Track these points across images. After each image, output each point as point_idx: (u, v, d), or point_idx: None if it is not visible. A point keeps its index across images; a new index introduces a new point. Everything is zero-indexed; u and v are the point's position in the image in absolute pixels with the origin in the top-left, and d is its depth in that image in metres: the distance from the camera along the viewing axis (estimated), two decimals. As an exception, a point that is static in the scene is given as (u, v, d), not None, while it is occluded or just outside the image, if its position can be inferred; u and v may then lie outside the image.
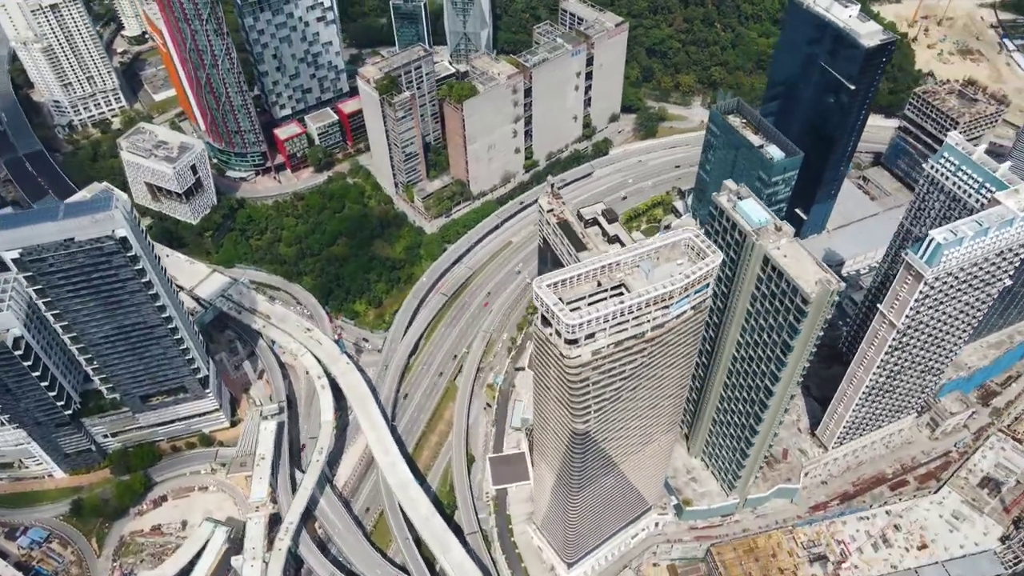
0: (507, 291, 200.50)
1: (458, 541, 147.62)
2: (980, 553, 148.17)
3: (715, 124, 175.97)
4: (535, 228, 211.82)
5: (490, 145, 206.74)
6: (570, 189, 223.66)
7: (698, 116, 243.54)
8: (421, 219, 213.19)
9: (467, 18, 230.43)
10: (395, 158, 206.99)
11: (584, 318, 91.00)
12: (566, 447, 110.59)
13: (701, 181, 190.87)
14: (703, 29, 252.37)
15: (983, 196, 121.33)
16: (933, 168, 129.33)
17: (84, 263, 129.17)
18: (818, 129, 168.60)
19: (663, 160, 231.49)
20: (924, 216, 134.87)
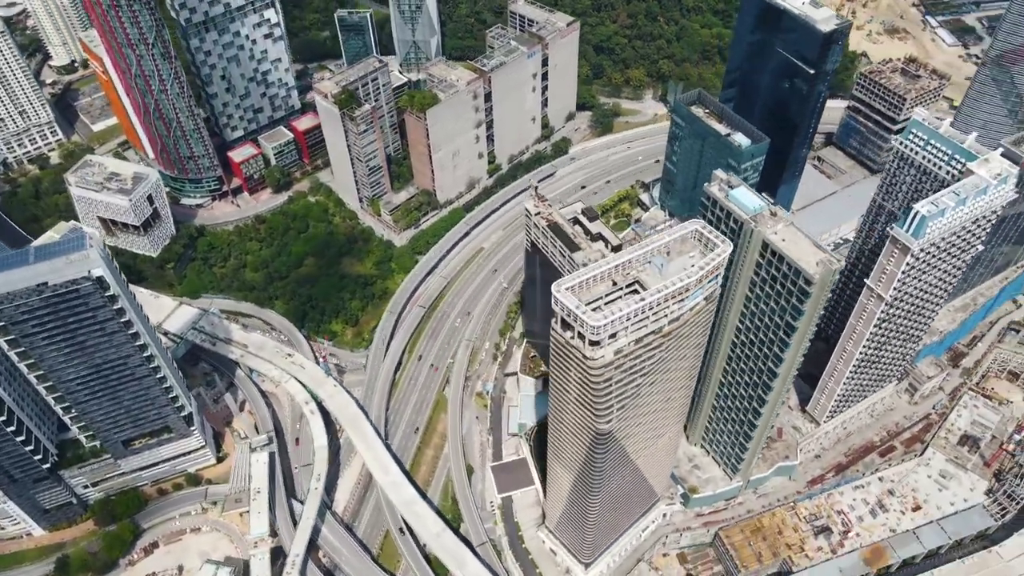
0: (484, 298, 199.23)
1: (472, 554, 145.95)
2: (970, 508, 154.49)
3: (679, 116, 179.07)
4: (504, 233, 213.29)
5: (454, 152, 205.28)
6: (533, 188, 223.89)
7: (651, 109, 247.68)
8: (390, 232, 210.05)
9: (416, 26, 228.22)
10: (358, 172, 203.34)
11: (609, 319, 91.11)
12: (588, 448, 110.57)
13: (668, 172, 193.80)
14: (647, 24, 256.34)
15: (954, 168, 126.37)
16: (902, 144, 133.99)
17: (60, 307, 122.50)
18: (779, 114, 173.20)
19: (623, 155, 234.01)
20: (896, 191, 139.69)
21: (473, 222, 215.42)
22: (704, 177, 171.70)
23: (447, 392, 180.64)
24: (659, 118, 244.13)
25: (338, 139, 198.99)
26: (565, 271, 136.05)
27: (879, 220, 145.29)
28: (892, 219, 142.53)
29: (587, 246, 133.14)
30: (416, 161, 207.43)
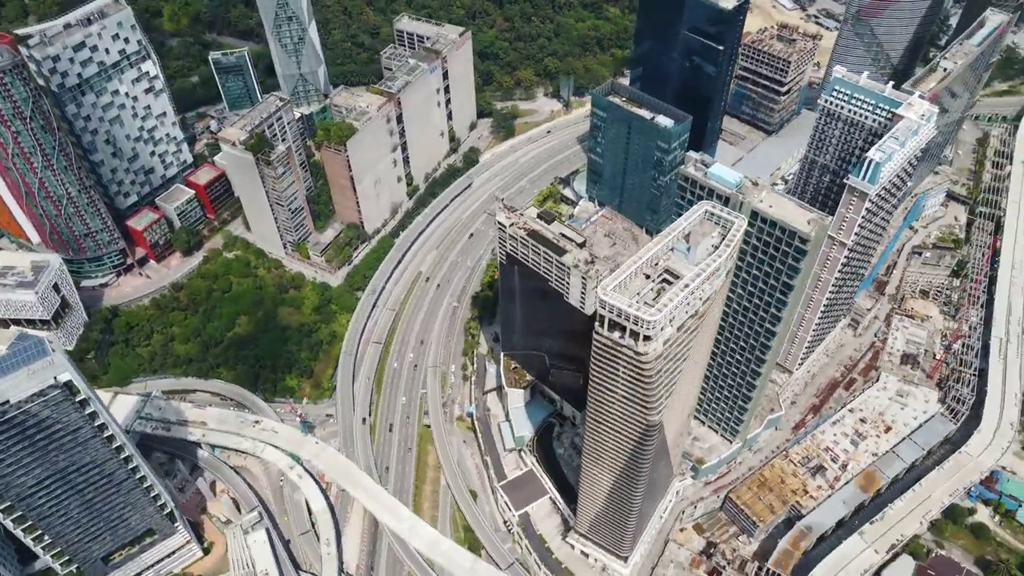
0: (438, 321, 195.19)
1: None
2: (930, 419, 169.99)
3: (599, 107, 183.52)
4: (438, 252, 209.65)
5: (376, 180, 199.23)
6: (455, 205, 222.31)
7: (546, 106, 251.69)
8: (323, 274, 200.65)
9: (300, 58, 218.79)
10: (280, 218, 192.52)
11: (663, 312, 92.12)
12: (636, 443, 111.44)
13: (594, 163, 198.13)
14: (524, 25, 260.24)
15: (879, 115, 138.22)
16: (827, 101, 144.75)
17: (26, 425, 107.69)
18: (691, 91, 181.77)
19: (533, 154, 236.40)
20: (826, 145, 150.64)
21: (404, 247, 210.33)
22: (633, 163, 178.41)
23: (427, 423, 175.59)
24: (556, 114, 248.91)
25: (252, 187, 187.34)
26: (552, 277, 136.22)
27: (812, 175, 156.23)
28: (825, 172, 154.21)
29: (572, 248, 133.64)
30: (338, 195, 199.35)
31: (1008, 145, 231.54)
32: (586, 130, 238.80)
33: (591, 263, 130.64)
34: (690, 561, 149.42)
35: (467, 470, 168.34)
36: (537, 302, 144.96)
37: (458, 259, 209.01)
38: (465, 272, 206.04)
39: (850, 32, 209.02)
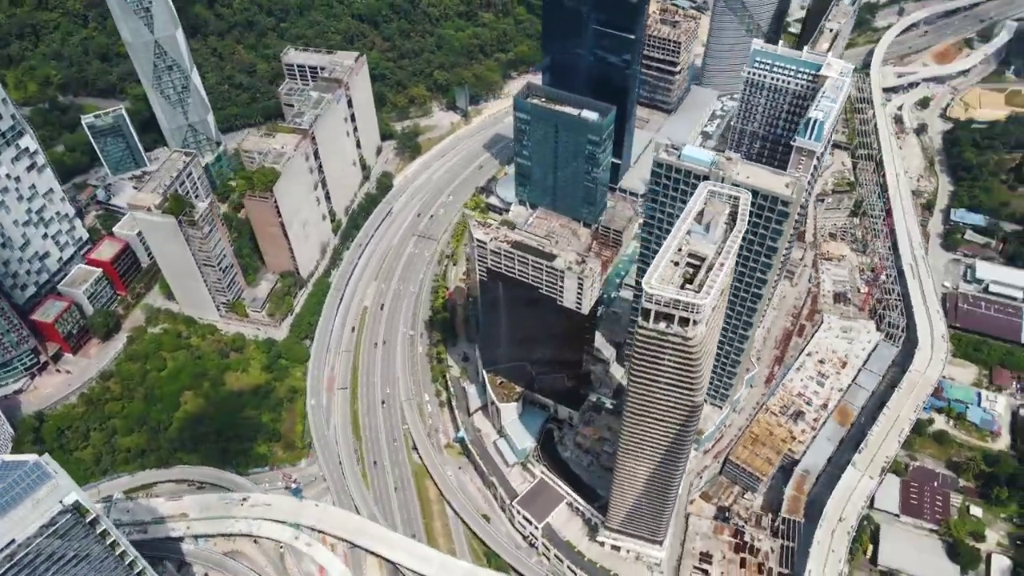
0: (399, 352, 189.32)
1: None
2: (876, 347, 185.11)
3: (522, 111, 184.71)
4: (378, 283, 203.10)
5: (304, 222, 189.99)
6: (381, 234, 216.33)
7: (445, 119, 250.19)
8: (265, 329, 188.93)
9: (187, 108, 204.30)
10: (211, 279, 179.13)
11: (711, 295, 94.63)
12: (680, 426, 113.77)
13: (521, 167, 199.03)
14: (404, 42, 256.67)
15: (802, 79, 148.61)
16: (751, 73, 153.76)
17: (36, 562, 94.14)
18: (607, 83, 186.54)
19: (445, 168, 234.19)
20: (752, 114, 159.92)
21: (342, 286, 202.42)
22: (563, 160, 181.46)
23: (418, 459, 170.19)
24: (456, 125, 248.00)
25: (175, 252, 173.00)
26: (543, 283, 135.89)
27: (742, 144, 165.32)
28: (755, 139, 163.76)
29: (561, 252, 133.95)
30: (267, 244, 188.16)
31: (865, 91, 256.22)
32: (491, 137, 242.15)
33: (583, 263, 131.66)
34: (712, 529, 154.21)
35: (471, 495, 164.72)
36: (524, 312, 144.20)
37: (399, 287, 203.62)
38: (410, 299, 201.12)
39: (723, 8, 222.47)
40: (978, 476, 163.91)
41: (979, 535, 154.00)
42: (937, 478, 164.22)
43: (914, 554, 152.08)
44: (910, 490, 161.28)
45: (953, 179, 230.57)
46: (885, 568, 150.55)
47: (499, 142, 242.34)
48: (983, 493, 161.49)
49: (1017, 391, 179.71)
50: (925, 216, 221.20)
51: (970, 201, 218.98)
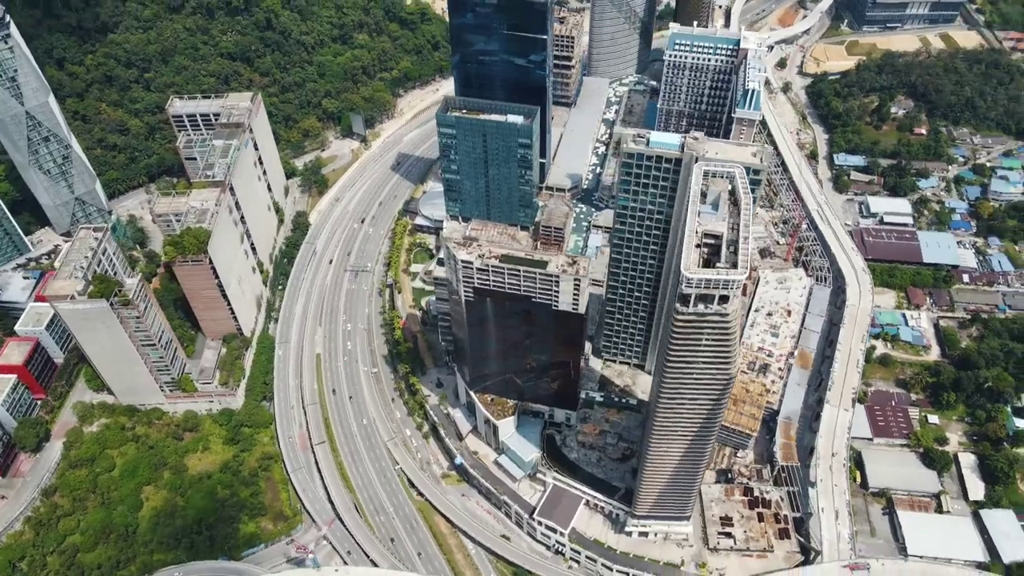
0: (366, 394, 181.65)
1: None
2: (809, 291, 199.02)
3: (447, 125, 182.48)
4: (323, 328, 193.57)
5: (239, 279, 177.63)
6: (310, 276, 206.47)
7: (345, 148, 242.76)
8: (218, 400, 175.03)
9: (71, 180, 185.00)
10: (151, 360, 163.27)
11: (744, 269, 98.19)
12: (714, 400, 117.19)
13: (450, 182, 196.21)
14: (283, 75, 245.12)
15: (722, 54, 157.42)
16: (672, 56, 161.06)
17: None
18: (523, 84, 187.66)
19: (358, 199, 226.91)
20: (676, 94, 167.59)
21: (287, 337, 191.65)
22: (494, 168, 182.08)
23: (419, 496, 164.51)
24: (358, 152, 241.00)
25: (108, 338, 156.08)
26: (536, 291, 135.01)
27: (670, 124, 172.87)
28: (681, 117, 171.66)
29: (552, 257, 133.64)
30: (204, 309, 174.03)
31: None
32: (395, 158, 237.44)
33: (574, 264, 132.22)
34: (724, 493, 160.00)
35: (483, 519, 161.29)
36: (515, 324, 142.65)
37: (347, 326, 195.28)
38: (362, 336, 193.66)
39: (604, 1, 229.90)
40: (926, 388, 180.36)
41: (942, 439, 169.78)
42: (893, 398, 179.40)
43: (896, 470, 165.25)
44: (875, 414, 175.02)
45: (825, 128, 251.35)
46: (876, 489, 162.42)
47: (404, 162, 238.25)
48: (934, 402, 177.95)
49: (932, 305, 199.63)
50: (812, 165, 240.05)
51: (846, 145, 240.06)
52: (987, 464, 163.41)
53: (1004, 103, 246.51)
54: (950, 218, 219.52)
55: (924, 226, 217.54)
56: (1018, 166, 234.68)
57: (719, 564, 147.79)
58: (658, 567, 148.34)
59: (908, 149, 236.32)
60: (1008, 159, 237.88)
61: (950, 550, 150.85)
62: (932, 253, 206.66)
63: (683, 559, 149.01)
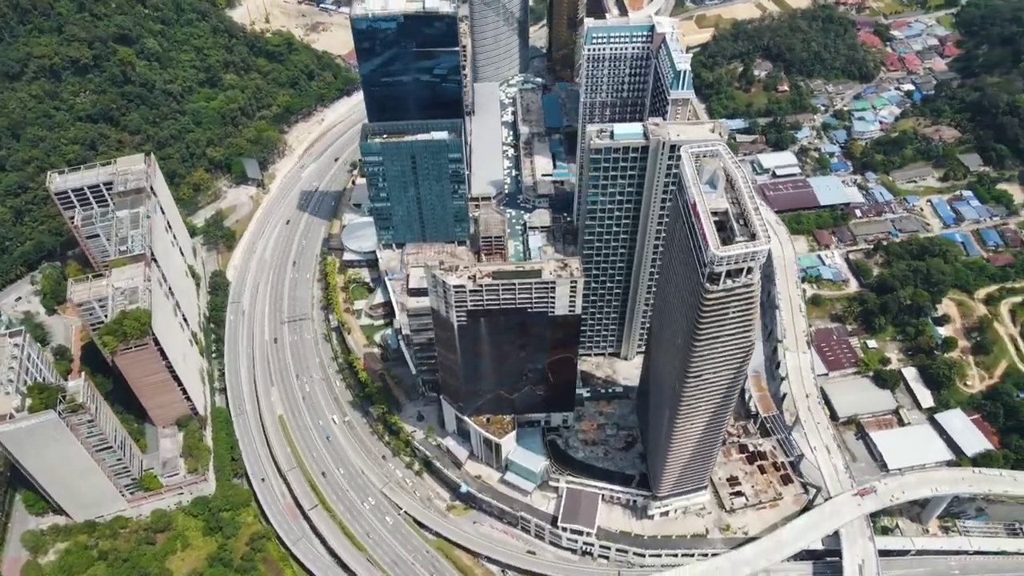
0: (345, 448, 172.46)
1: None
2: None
3: (372, 153, 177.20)
4: (276, 388, 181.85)
5: (183, 355, 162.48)
6: (245, 336, 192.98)
7: (242, 195, 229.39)
8: (188, 490, 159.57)
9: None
10: (108, 463, 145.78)
11: (765, 237, 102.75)
12: (735, 370, 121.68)
13: (380, 211, 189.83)
14: (156, 130, 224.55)
15: (638, 41, 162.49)
16: (589, 50, 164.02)
17: None
18: (440, 98, 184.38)
19: (272, 246, 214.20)
20: (598, 86, 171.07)
21: (240, 407, 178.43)
22: (426, 188, 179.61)
23: (431, 534, 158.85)
24: (258, 197, 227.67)
25: (56, 452, 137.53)
26: (532, 301, 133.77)
27: (594, 116, 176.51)
28: (605, 107, 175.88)
29: (545, 263, 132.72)
30: (152, 396, 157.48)
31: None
32: (298, 196, 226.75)
33: (566, 266, 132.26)
34: (723, 455, 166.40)
35: (501, 541, 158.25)
36: (511, 338, 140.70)
37: (302, 381, 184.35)
38: (321, 386, 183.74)
39: (480, 3, 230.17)
40: (857, 317, 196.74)
41: (885, 360, 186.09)
42: (833, 333, 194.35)
43: (856, 397, 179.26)
44: (823, 350, 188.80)
45: (701, 99, 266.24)
46: (845, 418, 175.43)
47: (309, 199, 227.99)
48: (867, 328, 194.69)
49: (838, 243, 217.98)
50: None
51: (724, 111, 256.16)
52: (928, 373, 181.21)
53: (845, 52, 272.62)
54: (829, 162, 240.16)
55: (810, 173, 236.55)
56: (869, 106, 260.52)
57: (739, 523, 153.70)
58: (687, 542, 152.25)
59: (778, 106, 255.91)
60: (859, 101, 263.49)
61: (923, 456, 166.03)
62: (825, 196, 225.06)
63: (707, 528, 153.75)
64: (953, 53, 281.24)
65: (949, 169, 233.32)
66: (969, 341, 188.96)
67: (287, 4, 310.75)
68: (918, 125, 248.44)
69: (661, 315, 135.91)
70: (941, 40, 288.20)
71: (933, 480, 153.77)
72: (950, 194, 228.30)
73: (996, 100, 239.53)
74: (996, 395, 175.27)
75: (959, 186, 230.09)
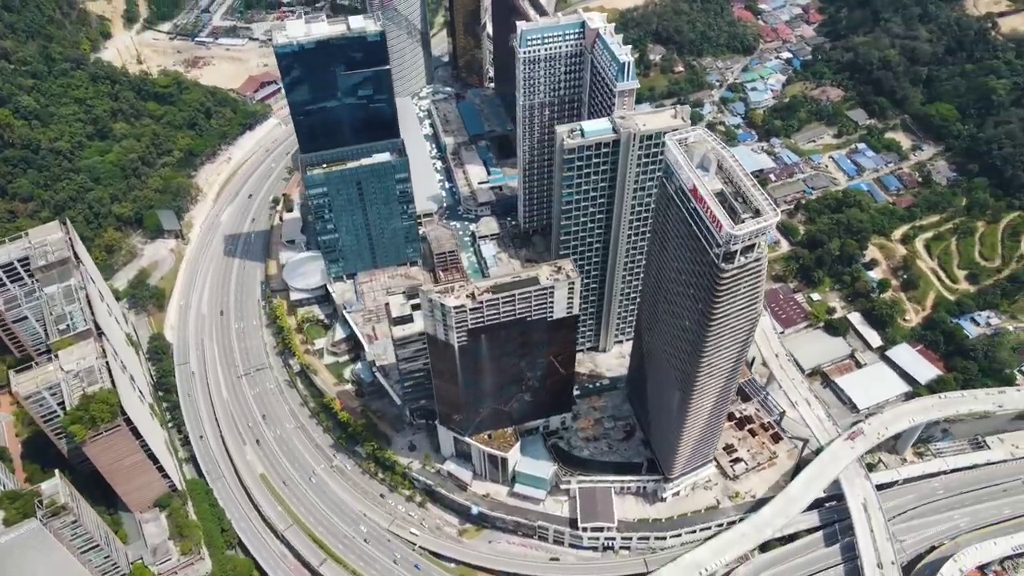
0: (339, 490, 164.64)
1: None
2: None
3: (317, 185, 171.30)
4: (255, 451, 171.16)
5: (151, 432, 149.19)
6: (203, 395, 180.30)
7: (162, 249, 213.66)
8: (188, 572, 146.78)
9: None
10: (94, 565, 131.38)
11: (771, 209, 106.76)
12: (743, 341, 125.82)
13: (328, 244, 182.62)
14: (52, 194, 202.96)
15: (572, 38, 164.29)
16: (525, 52, 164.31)
17: None
18: (374, 119, 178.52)
19: (207, 299, 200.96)
20: (535, 88, 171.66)
21: (216, 474, 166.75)
22: (375, 213, 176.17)
23: (451, 563, 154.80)
24: (179, 250, 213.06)
25: (38, 564, 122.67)
26: (532, 309, 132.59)
27: (534, 117, 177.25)
28: (544, 107, 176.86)
29: (540, 269, 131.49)
30: (127, 481, 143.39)
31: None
32: (222, 242, 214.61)
33: (559, 270, 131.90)
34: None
35: (521, 554, 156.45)
36: (510, 350, 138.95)
37: (278, 432, 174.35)
38: (298, 435, 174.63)
39: (381, 17, 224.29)
40: (796, 274, 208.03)
41: (831, 310, 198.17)
42: (779, 292, 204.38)
43: (815, 348, 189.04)
44: (775, 310, 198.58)
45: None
46: (809, 370, 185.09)
47: (235, 243, 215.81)
48: (808, 283, 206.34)
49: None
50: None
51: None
52: (871, 316, 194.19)
53: (726, 29, 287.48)
54: (736, 133, 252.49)
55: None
56: (757, 77, 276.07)
57: (745, 488, 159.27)
58: (703, 516, 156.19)
59: (679, 87, 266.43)
60: (747, 73, 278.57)
61: (886, 392, 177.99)
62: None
63: (717, 499, 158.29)
64: (818, 19, 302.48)
65: (841, 126, 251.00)
66: (898, 280, 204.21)
67: (157, 42, 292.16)
68: (805, 89, 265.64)
69: (653, 302, 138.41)
70: (804, 8, 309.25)
71: (908, 412, 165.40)
72: (847, 148, 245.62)
73: (868, 57, 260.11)
74: (933, 324, 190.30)
75: (852, 140, 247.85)
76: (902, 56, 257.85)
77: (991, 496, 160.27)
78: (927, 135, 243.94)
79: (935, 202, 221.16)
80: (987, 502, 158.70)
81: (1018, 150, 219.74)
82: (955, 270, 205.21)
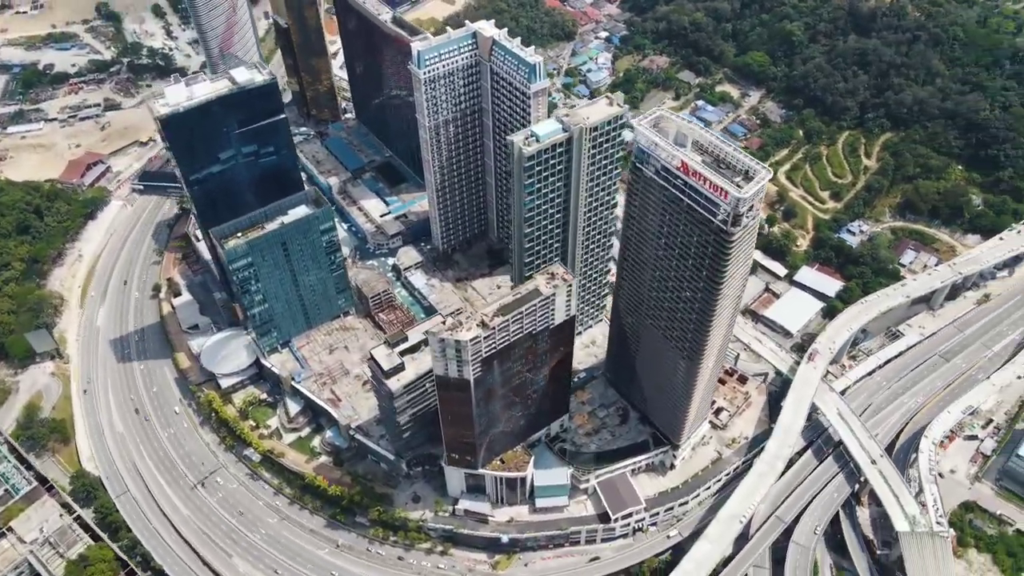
0: (351, 568, 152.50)
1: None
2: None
3: (240, 258, 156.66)
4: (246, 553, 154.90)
5: None
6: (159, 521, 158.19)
7: (40, 375, 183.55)
8: None
9: None
10: None
11: (762, 166, 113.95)
12: (737, 297, 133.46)
13: (260, 316, 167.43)
14: None
15: (467, 50, 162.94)
16: (426, 72, 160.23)
17: None
18: (276, 174, 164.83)
19: (120, 418, 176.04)
20: (437, 106, 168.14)
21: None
22: (303, 272, 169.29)
23: None
24: (62, 371, 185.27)
25: None
26: (537, 322, 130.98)
27: (441, 135, 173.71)
28: (448, 124, 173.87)
29: (542, 281, 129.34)
30: None
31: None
32: (107, 349, 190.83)
33: (554, 276, 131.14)
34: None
35: (564, 565, 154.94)
36: (518, 368, 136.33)
37: (261, 532, 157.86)
38: (284, 527, 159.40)
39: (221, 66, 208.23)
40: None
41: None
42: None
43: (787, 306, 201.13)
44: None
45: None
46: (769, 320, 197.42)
47: (125, 345, 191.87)
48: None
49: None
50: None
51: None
52: (771, 249, 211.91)
53: (546, 20, 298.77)
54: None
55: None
56: (587, 58, 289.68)
57: (735, 433, 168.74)
58: (712, 471, 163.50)
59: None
60: (577, 57, 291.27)
61: (808, 312, 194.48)
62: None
63: (717, 451, 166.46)
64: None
65: (676, 88, 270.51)
66: (778, 212, 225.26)
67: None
68: (634, 62, 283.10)
69: (636, 284, 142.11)
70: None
71: (844, 323, 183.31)
72: (688, 107, 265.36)
73: (680, 23, 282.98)
74: (821, 243, 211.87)
75: (690, 100, 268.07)
76: (708, 17, 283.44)
77: (922, 375, 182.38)
78: (749, 82, 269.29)
79: (780, 138, 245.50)
80: (923, 380, 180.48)
81: (830, 79, 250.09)
82: (819, 192, 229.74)
